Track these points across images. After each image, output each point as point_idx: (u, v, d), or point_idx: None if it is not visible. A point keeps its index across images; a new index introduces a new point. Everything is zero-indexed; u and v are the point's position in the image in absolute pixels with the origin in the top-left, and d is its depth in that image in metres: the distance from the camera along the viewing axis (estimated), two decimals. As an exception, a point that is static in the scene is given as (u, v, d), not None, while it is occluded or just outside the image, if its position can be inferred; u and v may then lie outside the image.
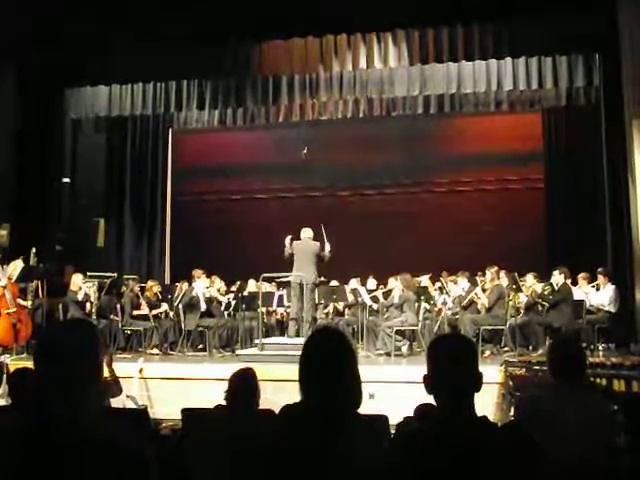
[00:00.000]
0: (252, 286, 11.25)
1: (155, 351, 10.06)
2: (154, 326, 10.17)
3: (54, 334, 1.91)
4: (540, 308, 9.49)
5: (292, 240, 9.91)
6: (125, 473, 1.68)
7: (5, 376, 7.60)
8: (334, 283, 11.06)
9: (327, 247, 9.93)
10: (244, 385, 3.89)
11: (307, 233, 9.99)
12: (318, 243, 9.89)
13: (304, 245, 9.85)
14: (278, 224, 10.11)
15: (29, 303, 9.83)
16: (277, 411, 2.24)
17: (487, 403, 6.81)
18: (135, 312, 10.30)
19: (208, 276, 10.78)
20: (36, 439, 1.68)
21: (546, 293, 9.38)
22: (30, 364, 5.08)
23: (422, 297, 10.14)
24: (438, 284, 11.16)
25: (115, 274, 11.30)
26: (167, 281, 13.19)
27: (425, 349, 8.37)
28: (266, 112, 12.96)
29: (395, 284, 10.02)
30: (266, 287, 11.21)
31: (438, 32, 10.11)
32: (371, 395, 6.81)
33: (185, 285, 10.71)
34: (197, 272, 10.59)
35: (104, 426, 1.75)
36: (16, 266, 9.66)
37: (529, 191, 13.65)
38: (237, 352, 9.67)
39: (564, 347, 3.34)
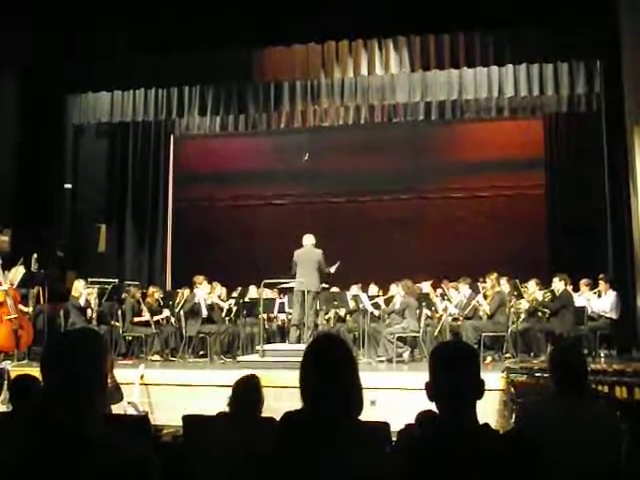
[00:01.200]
0: (253, 292, 11.24)
1: (156, 357, 10.04)
2: (155, 332, 10.15)
3: (60, 343, 1.92)
4: (541, 315, 9.49)
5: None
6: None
7: (6, 382, 7.59)
8: (335, 289, 11.05)
9: (332, 269, 9.95)
10: (248, 392, 3.88)
11: (309, 240, 9.95)
12: (320, 251, 9.87)
13: (307, 253, 9.82)
14: (279, 230, 10.11)
15: (30, 309, 9.84)
16: (278, 418, 2.23)
17: (489, 410, 6.79)
18: (136, 318, 10.28)
19: (209, 282, 10.77)
20: (42, 447, 1.68)
21: (547, 300, 9.37)
22: (31, 370, 5.09)
23: (423, 303, 10.13)
24: (439, 290, 11.15)
25: (116, 280, 11.30)
26: (168, 287, 13.18)
27: (426, 355, 8.36)
28: (267, 118, 12.97)
29: (396, 290, 10.01)
30: (267, 293, 11.20)
31: (439, 38, 10.14)
32: (372, 402, 6.79)
33: (186, 291, 10.70)
34: (198, 278, 10.57)
35: (109, 433, 1.75)
36: (17, 272, 9.66)
37: (530, 197, 13.65)
38: (238, 358, 9.66)
39: (565, 355, 3.33)
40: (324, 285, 10.53)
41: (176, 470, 3.61)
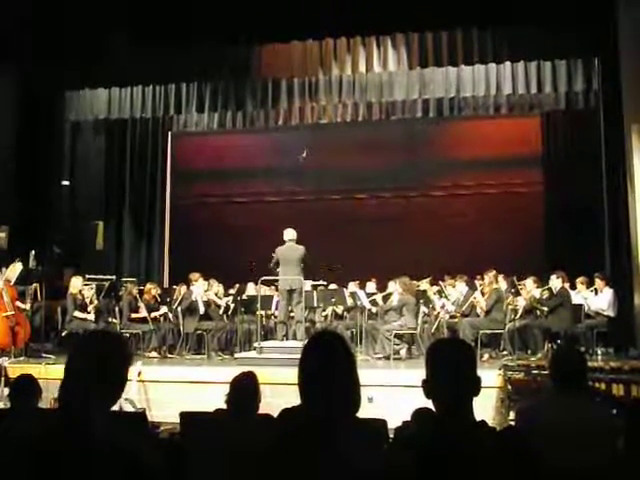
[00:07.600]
0: (251, 289, 11.23)
1: (154, 354, 10.03)
2: (153, 329, 10.14)
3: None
4: (538, 312, 9.49)
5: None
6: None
7: (3, 379, 7.59)
8: (333, 286, 11.04)
9: None
10: (245, 389, 3.88)
11: (290, 235, 9.69)
12: (302, 247, 9.63)
13: (289, 250, 9.59)
14: (277, 227, 10.06)
15: (28, 306, 9.82)
16: (275, 414, 2.23)
17: (486, 407, 6.80)
18: (134, 315, 10.28)
19: (206, 279, 10.76)
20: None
21: (544, 298, 9.38)
22: (28, 367, 5.14)
23: (421, 300, 10.13)
24: (437, 288, 11.15)
25: (114, 277, 11.28)
26: (166, 284, 13.17)
27: (424, 353, 8.35)
28: (265, 115, 12.94)
29: (394, 287, 10.01)
30: (265, 290, 11.19)
31: (437, 36, 10.14)
32: (370, 399, 6.81)
33: (183, 288, 10.69)
34: (194, 275, 10.55)
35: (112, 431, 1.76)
36: (15, 269, 9.64)
37: (528, 195, 13.64)
38: (236, 355, 9.65)
39: (565, 355, 3.34)
40: (322, 282, 10.51)
41: (173, 467, 3.61)
